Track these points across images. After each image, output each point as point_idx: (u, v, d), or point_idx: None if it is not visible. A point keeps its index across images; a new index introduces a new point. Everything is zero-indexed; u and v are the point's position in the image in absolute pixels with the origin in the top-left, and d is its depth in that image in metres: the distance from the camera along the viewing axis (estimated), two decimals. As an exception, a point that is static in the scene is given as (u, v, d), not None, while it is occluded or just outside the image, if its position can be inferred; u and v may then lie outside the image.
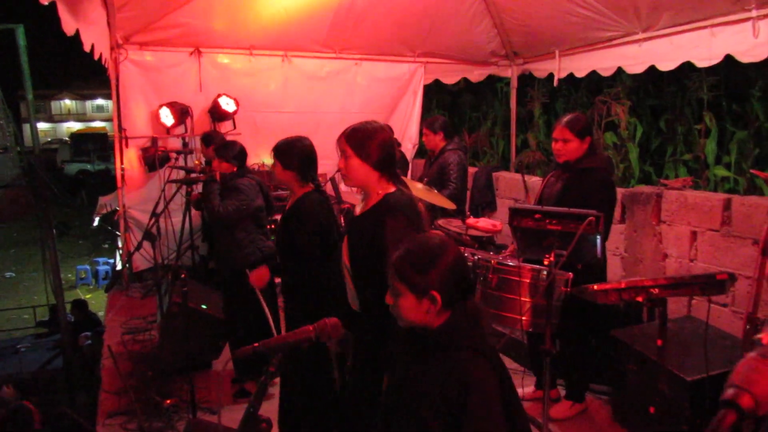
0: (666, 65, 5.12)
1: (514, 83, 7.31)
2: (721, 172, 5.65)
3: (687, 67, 5.19)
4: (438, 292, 1.70)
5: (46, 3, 3.04)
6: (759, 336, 0.91)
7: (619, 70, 5.76)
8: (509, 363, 4.47)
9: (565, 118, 3.55)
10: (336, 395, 2.96)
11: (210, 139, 5.49)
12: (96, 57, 5.20)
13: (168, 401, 3.95)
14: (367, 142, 2.36)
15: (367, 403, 2.42)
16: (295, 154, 3.08)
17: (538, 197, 3.70)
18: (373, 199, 2.42)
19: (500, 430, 1.63)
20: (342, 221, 4.52)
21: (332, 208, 3.19)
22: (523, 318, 3.04)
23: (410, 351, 1.82)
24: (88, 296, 14.37)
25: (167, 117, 6.23)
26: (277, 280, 3.97)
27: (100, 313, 10.08)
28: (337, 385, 2.97)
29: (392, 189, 2.42)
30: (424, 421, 1.66)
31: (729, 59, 4.57)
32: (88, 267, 16.48)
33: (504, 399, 1.67)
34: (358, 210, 2.52)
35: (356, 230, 2.44)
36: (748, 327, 2.18)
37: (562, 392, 3.87)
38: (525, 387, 3.92)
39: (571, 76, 6.34)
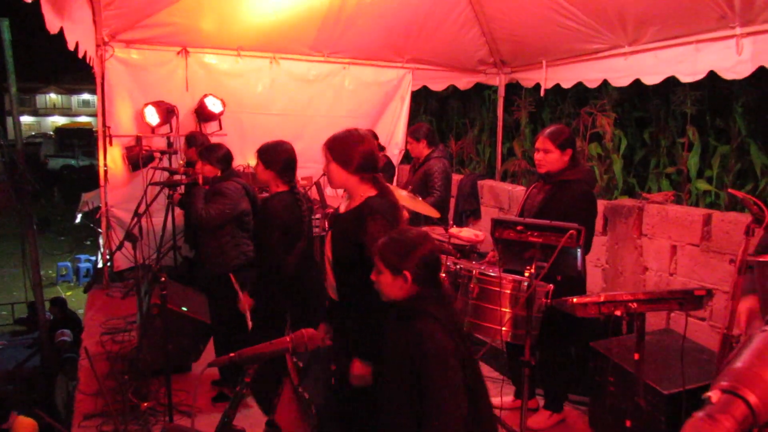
0: (651, 79, 5.18)
1: (502, 92, 7.35)
2: (702, 185, 5.71)
3: (672, 82, 5.25)
4: (409, 273, 2.11)
5: (30, 0, 3.01)
6: (708, 394, 0.91)
7: (605, 83, 5.81)
8: (489, 372, 4.48)
9: (548, 129, 3.58)
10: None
11: (193, 140, 5.46)
12: (80, 55, 5.16)
13: (145, 404, 3.91)
14: (347, 151, 2.56)
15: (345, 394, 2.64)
16: (278, 155, 3.37)
17: (520, 208, 3.71)
18: (356, 201, 2.60)
19: (456, 388, 1.98)
20: (326, 223, 4.58)
21: (301, 209, 3.40)
22: (504, 328, 3.05)
23: (391, 324, 2.21)
24: (68, 293, 14.22)
25: (152, 116, 6.18)
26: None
27: (80, 311, 9.98)
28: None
29: (374, 193, 2.58)
30: (395, 382, 2.07)
31: (713, 74, 4.63)
32: (69, 264, 16.31)
33: (462, 364, 2.02)
34: (342, 208, 2.70)
35: (339, 227, 2.63)
36: (723, 344, 2.20)
37: (541, 402, 3.88)
38: (504, 396, 3.93)
39: (557, 86, 6.38)
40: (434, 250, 2.18)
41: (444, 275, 3.25)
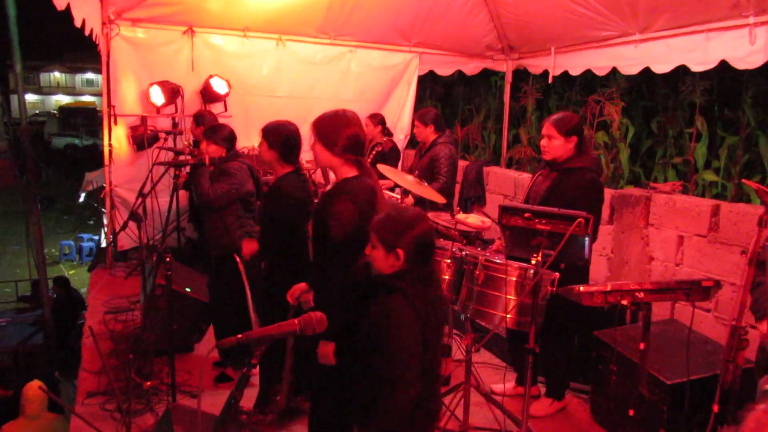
0: (661, 67, 5.12)
1: (509, 78, 7.29)
2: (709, 176, 5.68)
3: (681, 71, 5.20)
4: (402, 251, 2.14)
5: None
6: (767, 387, 0.89)
7: (614, 71, 5.76)
8: (491, 359, 4.49)
9: (555, 116, 3.53)
10: None
11: (201, 118, 5.42)
12: (87, 33, 5.11)
13: (148, 383, 3.92)
14: (331, 131, 2.59)
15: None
16: (281, 135, 3.32)
17: (525, 195, 3.68)
18: (336, 181, 2.69)
19: (410, 367, 2.04)
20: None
21: (309, 189, 3.39)
22: (508, 316, 3.04)
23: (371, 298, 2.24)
24: (71, 272, 14.26)
25: (157, 96, 6.14)
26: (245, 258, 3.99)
27: (83, 290, 10.01)
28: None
29: (354, 174, 2.63)
30: (364, 350, 2.14)
31: (723, 64, 4.58)
32: (72, 243, 16.35)
33: (423, 340, 2.08)
34: (328, 188, 2.84)
35: (319, 204, 2.72)
36: (732, 336, 2.19)
37: (543, 390, 3.88)
38: (507, 383, 3.94)
39: (565, 73, 6.33)
40: (429, 231, 2.22)
41: (449, 261, 3.25)
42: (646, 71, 5.28)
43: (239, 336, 1.63)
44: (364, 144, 2.70)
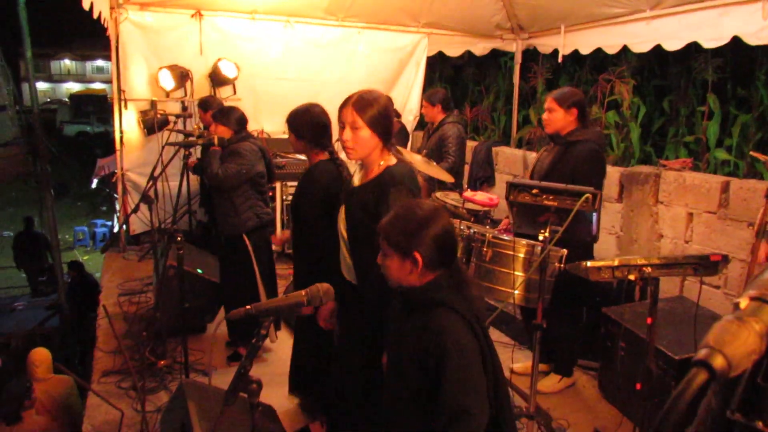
0: (672, 44, 5.07)
1: (518, 58, 7.24)
2: (721, 155, 5.63)
3: (693, 48, 5.14)
4: (420, 255, 1.81)
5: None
6: (737, 300, 0.91)
7: (625, 49, 5.71)
8: (500, 337, 4.52)
9: (556, 90, 3.62)
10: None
11: (208, 104, 5.45)
12: (95, 16, 5.14)
13: (162, 362, 4.00)
14: (378, 113, 2.33)
15: (355, 376, 2.50)
16: (305, 123, 3.10)
17: (531, 171, 3.74)
18: (374, 171, 2.39)
19: (477, 394, 1.71)
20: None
21: (342, 177, 3.10)
22: (516, 292, 3.06)
23: (402, 313, 1.93)
24: (85, 258, 14.43)
25: (167, 80, 6.18)
26: (275, 247, 4.01)
27: (97, 275, 10.15)
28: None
29: (393, 160, 2.40)
30: (406, 374, 1.80)
31: (736, 41, 4.53)
32: (85, 228, 16.53)
33: (482, 356, 1.76)
34: (356, 181, 2.49)
35: (357, 201, 2.40)
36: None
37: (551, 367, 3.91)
38: (515, 361, 3.97)
39: (575, 53, 6.28)
40: (448, 228, 1.87)
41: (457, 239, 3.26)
42: (658, 49, 5.23)
43: (248, 307, 1.66)
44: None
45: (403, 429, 1.84)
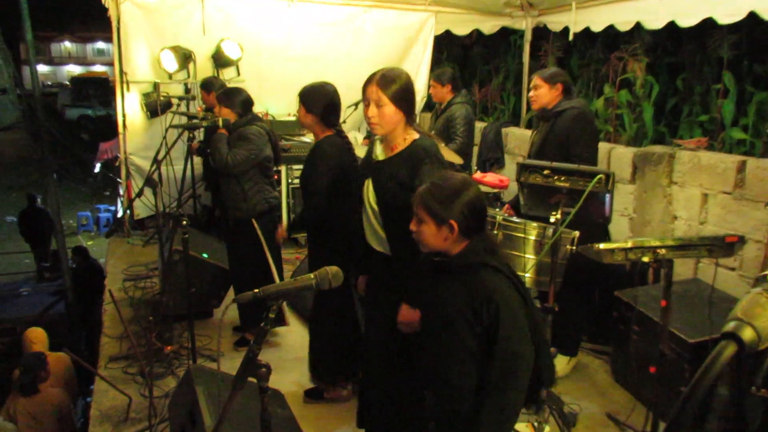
0: (686, 20, 5.00)
1: (528, 36, 7.17)
2: (737, 134, 5.57)
3: (708, 24, 5.07)
4: (456, 222, 1.99)
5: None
6: (765, 272, 0.90)
7: (638, 26, 5.63)
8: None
9: (542, 70, 3.86)
10: (360, 336, 3.18)
11: (211, 85, 5.43)
12: (96, -4, 5.12)
13: (169, 348, 4.02)
14: (401, 89, 2.44)
15: (386, 344, 2.64)
16: (319, 98, 3.26)
17: (528, 154, 3.85)
18: (399, 145, 2.52)
19: (526, 340, 1.95)
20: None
21: (353, 153, 3.29)
22: (527, 275, 3.05)
23: (436, 279, 2.11)
24: (89, 243, 14.50)
25: (169, 61, 6.15)
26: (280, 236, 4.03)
27: (101, 260, 10.21)
28: (361, 326, 3.19)
29: (416, 135, 2.52)
30: (459, 336, 1.98)
31: (752, 16, 4.46)
32: (89, 213, 16.60)
33: (526, 309, 1.99)
34: (380, 155, 2.59)
35: (386, 174, 2.51)
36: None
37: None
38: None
39: (587, 30, 6.20)
40: (480, 196, 2.08)
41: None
42: (672, 26, 5.16)
43: (256, 291, 1.67)
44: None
45: (458, 382, 2.02)
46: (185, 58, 6.27)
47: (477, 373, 1.99)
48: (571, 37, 6.39)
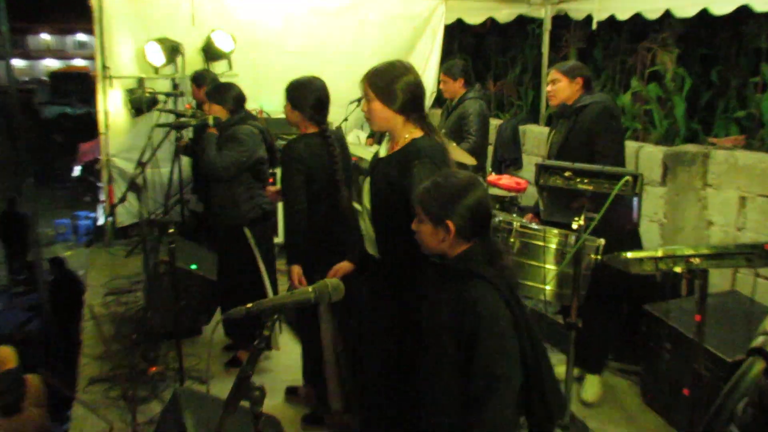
0: (721, 8, 5.01)
1: (548, 25, 7.17)
2: (777, 131, 5.57)
3: (744, 12, 5.07)
4: (453, 223, 2.05)
5: None
6: None
7: (667, 14, 5.63)
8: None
9: (561, 63, 3.85)
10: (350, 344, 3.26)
11: (202, 79, 5.45)
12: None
13: (153, 368, 4.02)
14: (390, 85, 2.50)
15: (382, 347, 2.68)
16: (307, 94, 3.32)
17: (547, 154, 3.82)
18: (399, 143, 2.59)
19: (510, 363, 1.97)
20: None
21: (332, 154, 3.34)
22: (547, 287, 3.04)
23: (433, 283, 2.18)
24: (67, 253, 14.54)
25: (155, 55, 6.17)
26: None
27: (81, 273, 10.24)
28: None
29: (420, 134, 2.56)
30: (443, 346, 2.04)
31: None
32: (68, 221, 16.65)
33: (518, 329, 2.01)
34: (382, 152, 2.69)
35: (380, 172, 2.59)
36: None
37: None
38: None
39: (611, 18, 6.21)
40: (483, 199, 2.12)
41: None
42: (704, 13, 5.16)
43: (248, 306, 1.66)
44: (425, 97, 2.64)
45: (442, 396, 2.08)
46: (173, 50, 6.29)
47: (460, 387, 2.01)
48: (594, 26, 6.40)
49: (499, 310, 1.99)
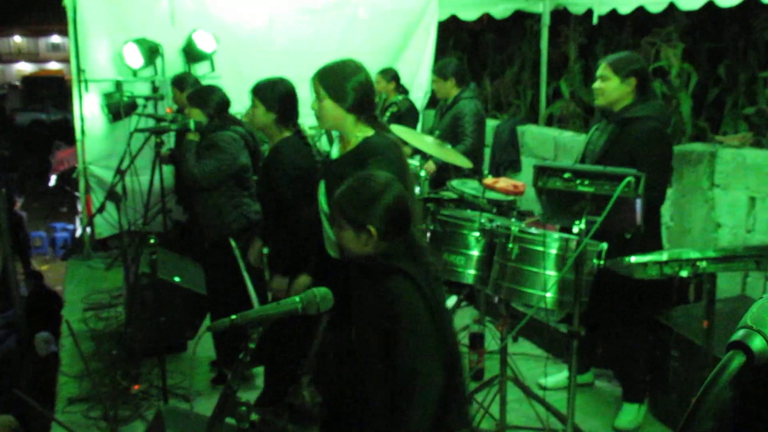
0: (727, 0, 5.05)
1: (546, 20, 7.21)
2: (788, 128, 5.61)
3: (753, 3, 5.12)
4: (374, 227, 2.11)
5: None
6: None
7: (671, 7, 5.68)
8: (531, 349, 4.53)
9: (613, 55, 3.58)
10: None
11: (183, 81, 5.46)
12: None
13: (136, 386, 4.02)
14: (342, 83, 2.65)
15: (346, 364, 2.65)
16: (279, 94, 3.35)
17: (582, 155, 3.67)
18: (351, 143, 2.72)
19: (428, 357, 2.03)
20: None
21: (312, 153, 3.42)
22: (548, 295, 3.06)
23: (356, 280, 2.28)
24: (43, 267, 14.49)
25: (134, 56, 6.19)
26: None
27: (58, 288, 10.21)
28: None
29: (371, 132, 2.70)
30: (368, 339, 2.16)
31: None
32: (43, 234, 16.57)
33: (435, 322, 2.09)
34: (334, 154, 2.82)
35: (335, 175, 2.64)
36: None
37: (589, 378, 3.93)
38: (549, 375, 3.98)
39: (613, 12, 6.25)
40: (401, 199, 2.19)
41: (478, 234, 3.29)
42: (710, 6, 5.21)
43: (233, 317, 1.68)
44: (374, 95, 2.76)
45: (371, 392, 2.16)
46: (152, 52, 6.30)
47: (385, 383, 2.10)
48: (595, 21, 6.44)
49: (419, 306, 2.06)
